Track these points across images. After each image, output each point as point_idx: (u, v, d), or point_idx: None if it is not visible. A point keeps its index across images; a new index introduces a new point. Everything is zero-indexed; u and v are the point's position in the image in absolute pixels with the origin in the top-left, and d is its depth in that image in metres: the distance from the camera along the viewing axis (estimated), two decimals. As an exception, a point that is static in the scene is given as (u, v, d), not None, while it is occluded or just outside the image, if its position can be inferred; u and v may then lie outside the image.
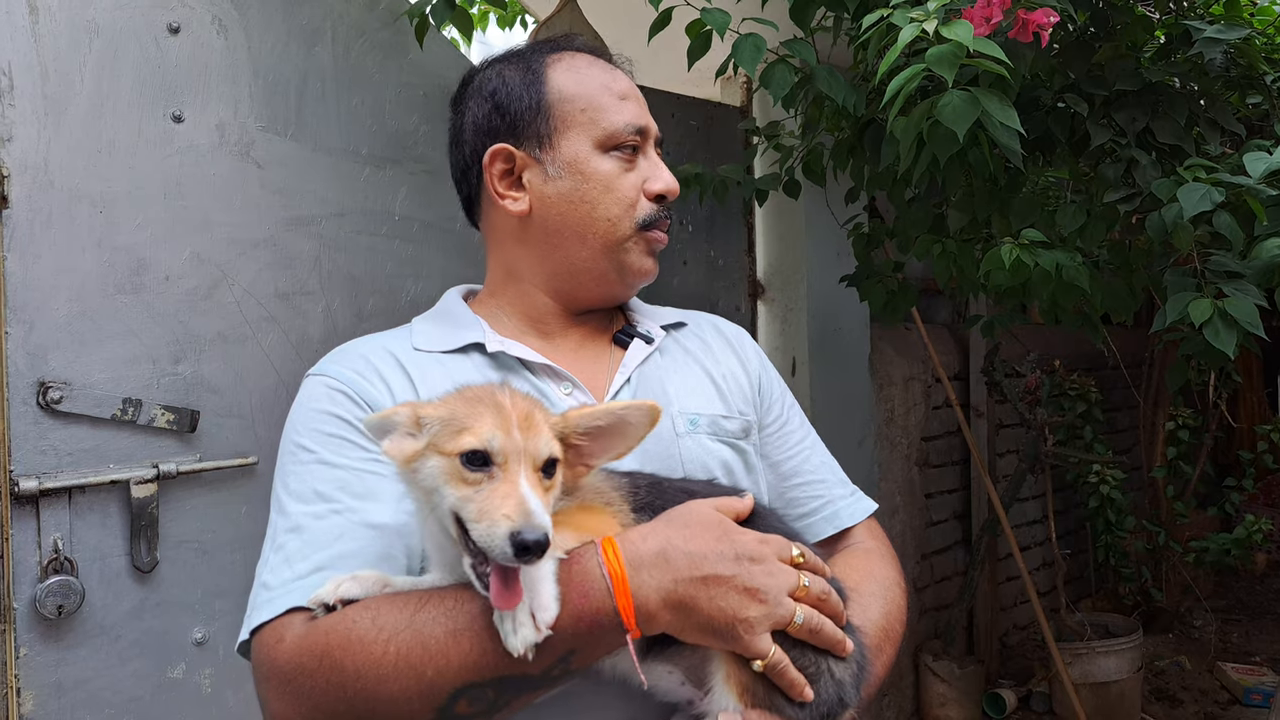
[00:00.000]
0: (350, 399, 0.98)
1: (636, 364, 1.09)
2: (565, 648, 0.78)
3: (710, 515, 0.85)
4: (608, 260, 1.08)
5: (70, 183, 1.59)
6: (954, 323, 3.92)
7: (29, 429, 1.55)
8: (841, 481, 1.20)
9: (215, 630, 1.73)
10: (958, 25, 1.20)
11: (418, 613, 0.80)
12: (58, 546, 1.56)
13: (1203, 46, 1.68)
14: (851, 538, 1.15)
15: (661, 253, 1.13)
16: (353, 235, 1.92)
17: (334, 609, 0.82)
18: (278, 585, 0.88)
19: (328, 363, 1.04)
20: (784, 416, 1.19)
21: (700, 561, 0.80)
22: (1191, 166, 1.54)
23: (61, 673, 1.57)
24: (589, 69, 1.10)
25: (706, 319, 1.25)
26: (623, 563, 0.79)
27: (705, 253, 2.72)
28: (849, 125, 2.03)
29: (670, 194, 1.10)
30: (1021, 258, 1.58)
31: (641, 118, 1.10)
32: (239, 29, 1.78)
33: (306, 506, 0.92)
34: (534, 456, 0.76)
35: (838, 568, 1.04)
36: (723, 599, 0.79)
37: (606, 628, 0.78)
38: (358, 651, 0.79)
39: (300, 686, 0.81)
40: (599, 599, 0.78)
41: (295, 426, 0.99)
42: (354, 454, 0.94)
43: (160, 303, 1.68)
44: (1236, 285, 1.42)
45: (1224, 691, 3.63)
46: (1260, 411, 5.20)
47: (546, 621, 0.74)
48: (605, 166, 1.07)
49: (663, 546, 0.81)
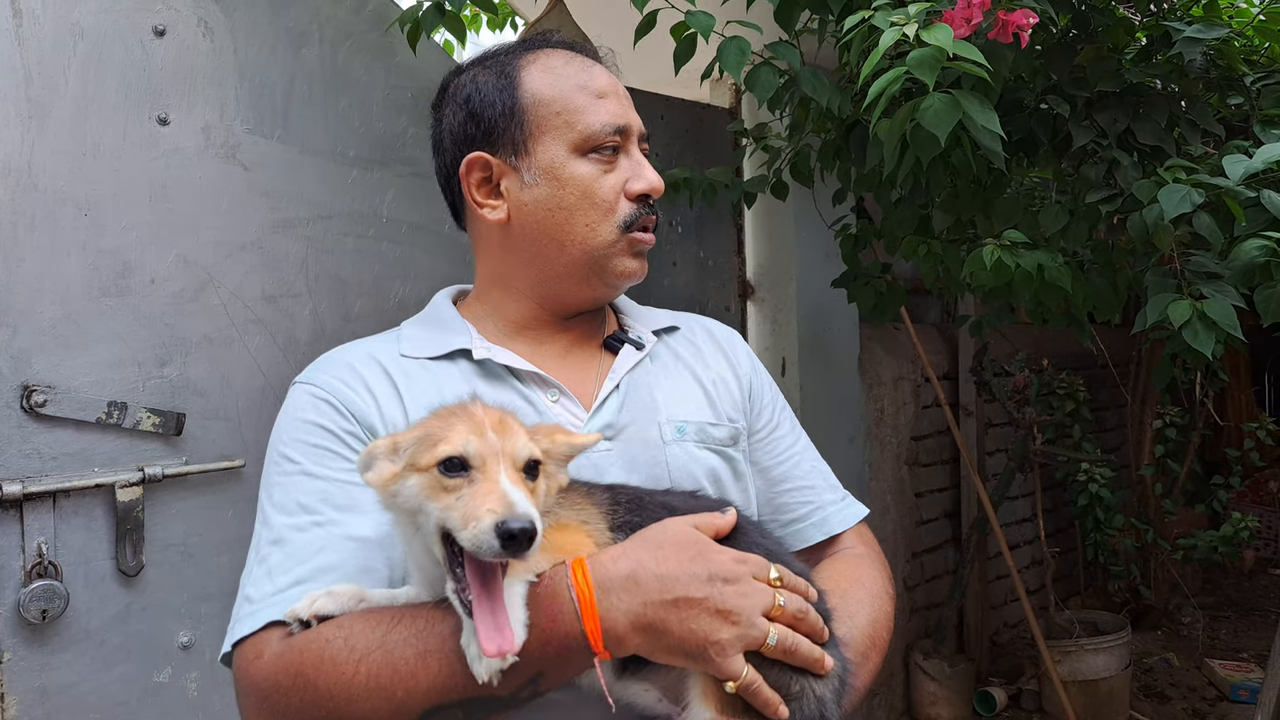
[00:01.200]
0: (335, 409, 0.97)
1: (626, 371, 1.08)
2: (534, 670, 0.78)
3: (686, 534, 0.84)
4: (589, 266, 1.07)
5: (54, 185, 1.59)
6: (943, 322, 3.94)
7: (13, 432, 1.54)
8: (832, 487, 1.18)
9: (201, 634, 1.73)
10: (937, 29, 1.21)
11: (389, 633, 0.80)
12: (41, 551, 1.55)
13: (1183, 47, 1.69)
14: (841, 543, 1.15)
15: (651, 253, 1.12)
16: (340, 238, 1.92)
17: (309, 625, 0.82)
18: (259, 599, 0.88)
19: (314, 371, 1.04)
20: (774, 421, 1.18)
21: (671, 584, 0.79)
22: (1172, 167, 1.55)
23: (46, 678, 1.56)
24: (565, 67, 1.08)
25: (699, 322, 1.24)
26: (591, 585, 0.78)
27: (695, 253, 2.72)
28: (835, 127, 2.04)
29: (653, 193, 1.08)
30: (1003, 259, 1.59)
31: (622, 115, 1.07)
32: (225, 31, 1.77)
33: (289, 518, 0.92)
34: (513, 457, 0.76)
35: (825, 573, 1.04)
36: (694, 621, 0.79)
37: (575, 650, 0.78)
38: (329, 671, 0.80)
39: (276, 704, 0.82)
40: (567, 622, 0.78)
41: (280, 436, 0.99)
42: (337, 465, 0.94)
43: (146, 305, 1.68)
44: (1215, 286, 1.43)
45: (1212, 688, 3.66)
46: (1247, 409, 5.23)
47: (513, 649, 0.73)
48: (583, 171, 1.05)
49: (633, 569, 0.80)
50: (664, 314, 1.22)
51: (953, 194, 1.88)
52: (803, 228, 2.80)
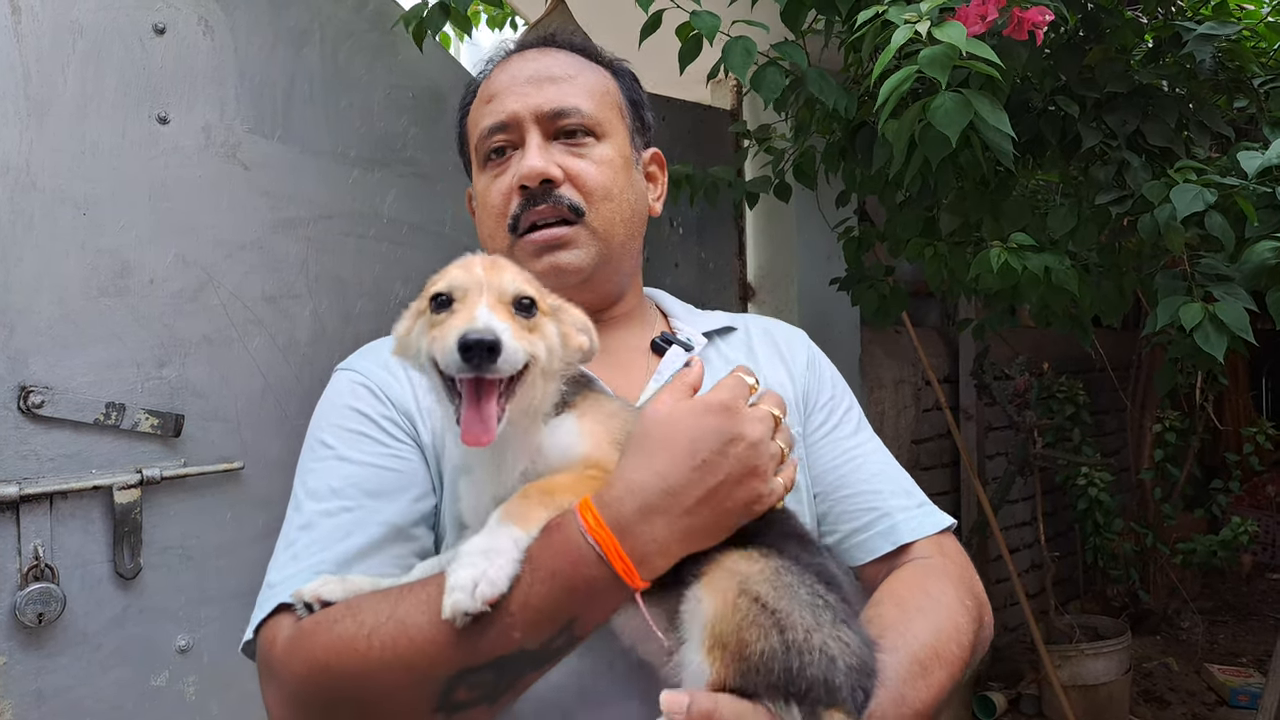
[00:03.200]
0: (373, 394, 0.98)
1: (672, 372, 1.04)
2: (565, 617, 0.75)
3: (670, 426, 0.80)
4: None
5: (53, 184, 1.57)
6: (944, 325, 3.93)
7: (9, 434, 1.52)
8: (905, 492, 1.07)
9: (199, 638, 1.71)
10: (950, 27, 1.20)
11: (399, 604, 0.78)
12: (38, 553, 1.53)
13: (1194, 45, 1.68)
14: (913, 553, 1.02)
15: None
16: (340, 238, 1.90)
17: (311, 608, 0.81)
18: (279, 583, 0.87)
19: (356, 357, 1.05)
20: (832, 421, 1.10)
21: (681, 493, 0.77)
22: (1182, 169, 1.54)
23: (42, 681, 1.54)
24: (496, 77, 1.07)
25: (759, 323, 1.19)
26: (607, 528, 0.75)
27: (696, 255, 2.71)
28: (840, 128, 2.03)
29: (528, 179, 0.99)
30: (1009, 261, 1.58)
31: (501, 111, 1.01)
32: (225, 30, 1.76)
33: (319, 504, 0.91)
34: (498, 290, 0.78)
35: (889, 584, 0.96)
36: (726, 502, 0.78)
37: (607, 588, 0.75)
38: (342, 650, 0.77)
39: (297, 695, 0.80)
40: (590, 565, 0.75)
41: (319, 421, 0.99)
42: (372, 449, 0.93)
43: (145, 306, 1.66)
44: (1226, 288, 1.42)
45: (1211, 693, 3.65)
46: (1246, 414, 5.23)
47: (485, 596, 0.71)
48: (481, 183, 1.07)
49: (642, 500, 0.76)
50: (720, 316, 1.18)
51: (960, 195, 1.87)
52: (804, 230, 2.79)
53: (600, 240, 1.03)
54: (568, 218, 1.01)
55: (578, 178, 1.02)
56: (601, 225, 1.03)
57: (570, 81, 1.04)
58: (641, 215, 1.10)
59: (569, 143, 1.03)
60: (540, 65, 1.05)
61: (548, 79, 1.03)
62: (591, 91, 1.05)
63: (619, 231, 1.05)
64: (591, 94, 1.05)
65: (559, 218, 1.01)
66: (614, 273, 1.07)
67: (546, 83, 1.03)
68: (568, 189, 1.01)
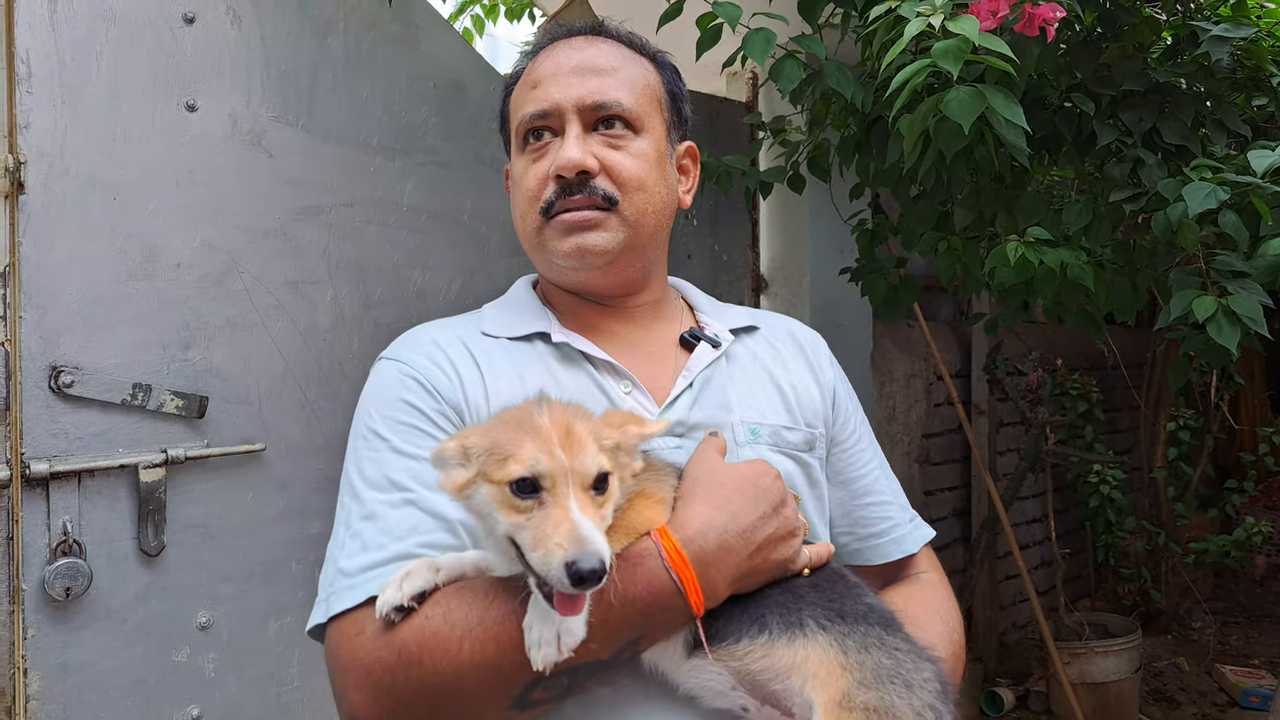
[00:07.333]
0: (423, 387, 0.99)
1: (701, 368, 1.06)
2: (634, 633, 0.82)
3: (735, 474, 0.90)
4: (540, 256, 1.09)
5: (85, 170, 1.61)
6: (956, 320, 3.93)
7: (41, 412, 1.56)
8: (904, 506, 1.19)
9: (220, 615, 1.75)
10: (964, 20, 1.21)
11: (488, 610, 0.82)
12: (66, 529, 1.58)
13: (1210, 46, 1.68)
14: (914, 566, 1.15)
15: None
16: (361, 225, 1.94)
17: (404, 608, 0.83)
18: (356, 572, 0.89)
19: (401, 348, 1.05)
20: (857, 432, 1.17)
21: (752, 534, 0.86)
22: (1198, 167, 1.54)
23: (68, 654, 1.58)
24: (542, 63, 1.08)
25: (782, 323, 1.22)
26: (688, 562, 0.82)
27: (709, 246, 2.73)
28: (855, 121, 2.04)
29: (563, 171, 1.02)
30: (1027, 255, 1.59)
31: (546, 99, 1.04)
32: (252, 20, 1.79)
33: (381, 494, 0.93)
34: (582, 475, 0.76)
35: (902, 602, 1.03)
36: (774, 553, 0.87)
37: (674, 613, 0.82)
38: (434, 649, 0.81)
39: (380, 681, 0.83)
40: (666, 594, 0.81)
41: (369, 411, 1.00)
42: (425, 443, 0.95)
43: (171, 289, 1.70)
44: (1241, 284, 1.42)
45: (1222, 693, 3.64)
46: (1261, 413, 5.20)
47: (570, 646, 0.75)
48: (519, 166, 1.09)
49: (721, 537, 0.84)
50: (743, 312, 1.20)
51: (974, 190, 1.87)
52: (817, 223, 2.80)
53: (630, 227, 1.05)
54: (600, 206, 1.04)
55: (613, 169, 1.04)
56: (633, 214, 1.05)
57: (613, 74, 1.06)
58: (671, 206, 1.13)
59: (607, 133, 1.05)
60: (585, 56, 1.06)
61: (592, 70, 1.05)
62: (633, 85, 1.07)
63: (649, 221, 1.07)
64: (633, 88, 1.07)
65: (591, 205, 1.04)
66: (638, 258, 1.09)
67: (590, 74, 1.05)
68: (603, 179, 1.04)
